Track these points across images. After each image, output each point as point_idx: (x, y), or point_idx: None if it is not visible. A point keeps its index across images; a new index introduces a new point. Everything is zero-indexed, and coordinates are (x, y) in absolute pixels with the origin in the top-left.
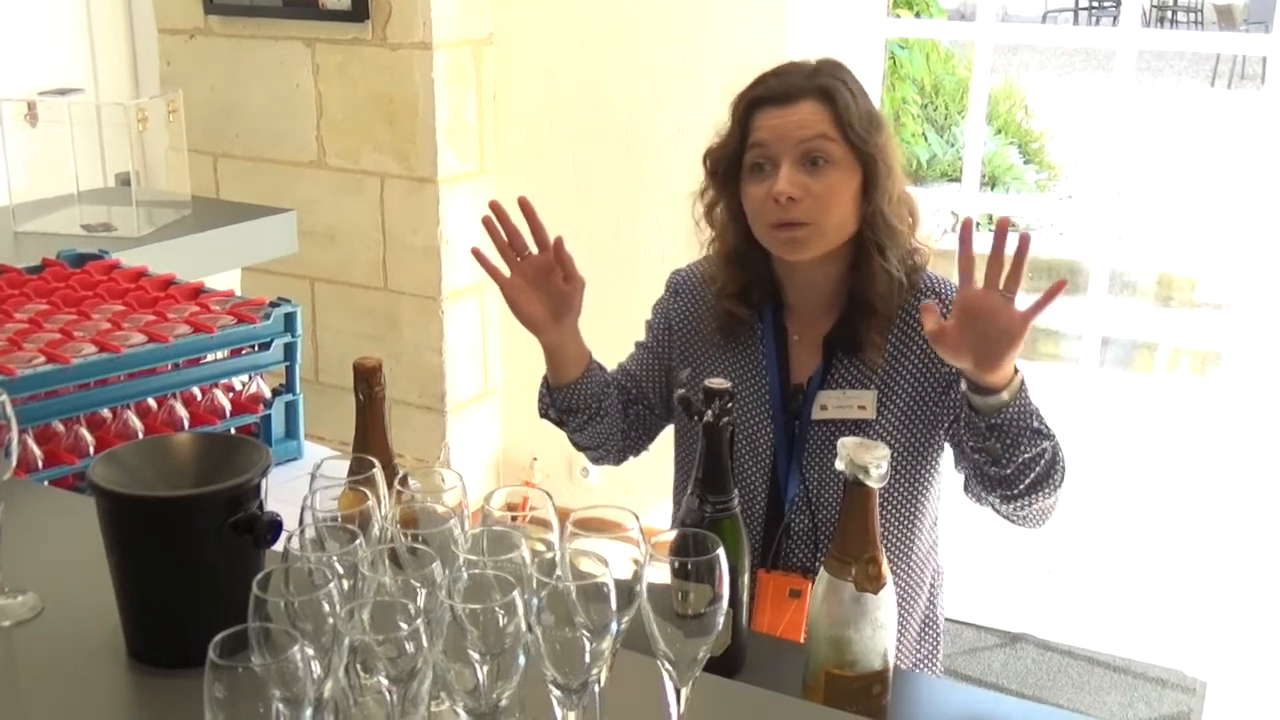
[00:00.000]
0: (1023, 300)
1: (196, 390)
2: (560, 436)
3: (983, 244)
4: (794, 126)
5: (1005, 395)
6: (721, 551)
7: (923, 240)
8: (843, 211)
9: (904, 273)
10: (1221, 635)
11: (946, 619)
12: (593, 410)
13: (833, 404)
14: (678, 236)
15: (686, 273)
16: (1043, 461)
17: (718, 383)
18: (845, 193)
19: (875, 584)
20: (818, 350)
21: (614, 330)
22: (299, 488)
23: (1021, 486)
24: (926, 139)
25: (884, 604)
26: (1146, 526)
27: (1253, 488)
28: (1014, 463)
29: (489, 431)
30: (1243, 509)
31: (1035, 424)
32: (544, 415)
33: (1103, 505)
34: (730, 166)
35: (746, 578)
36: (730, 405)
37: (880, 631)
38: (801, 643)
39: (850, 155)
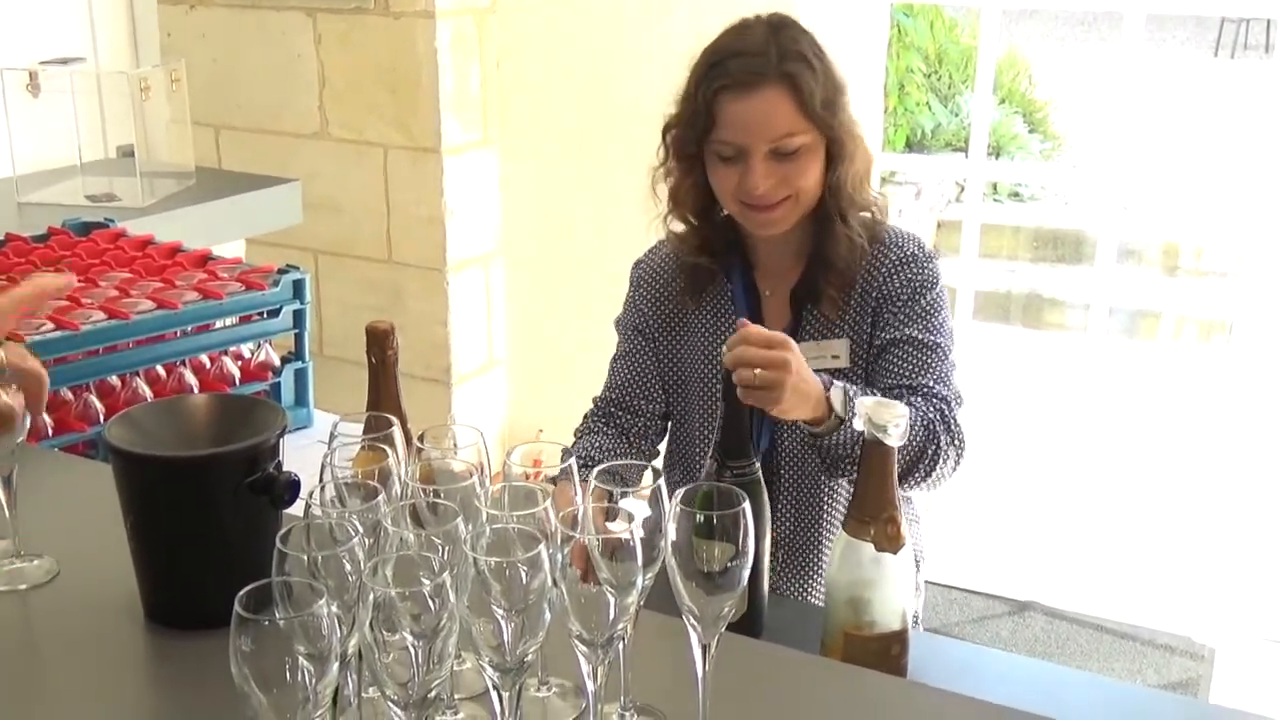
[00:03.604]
0: None
1: (205, 358)
2: (566, 409)
3: (987, 214)
4: (760, 119)
5: (820, 430)
6: (747, 506)
7: (878, 191)
8: (813, 184)
9: (865, 233)
10: (1230, 602)
11: (956, 588)
12: None
13: (808, 355)
14: None
15: (646, 263)
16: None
17: None
18: (815, 168)
19: (894, 544)
20: (787, 305)
21: (620, 298)
22: (310, 455)
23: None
24: (930, 108)
25: (903, 564)
26: (1154, 493)
27: (1260, 454)
28: (839, 477)
29: (494, 403)
30: (1250, 476)
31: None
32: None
33: (1110, 472)
34: (696, 145)
35: (768, 541)
36: None
37: (899, 592)
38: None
39: (816, 132)
